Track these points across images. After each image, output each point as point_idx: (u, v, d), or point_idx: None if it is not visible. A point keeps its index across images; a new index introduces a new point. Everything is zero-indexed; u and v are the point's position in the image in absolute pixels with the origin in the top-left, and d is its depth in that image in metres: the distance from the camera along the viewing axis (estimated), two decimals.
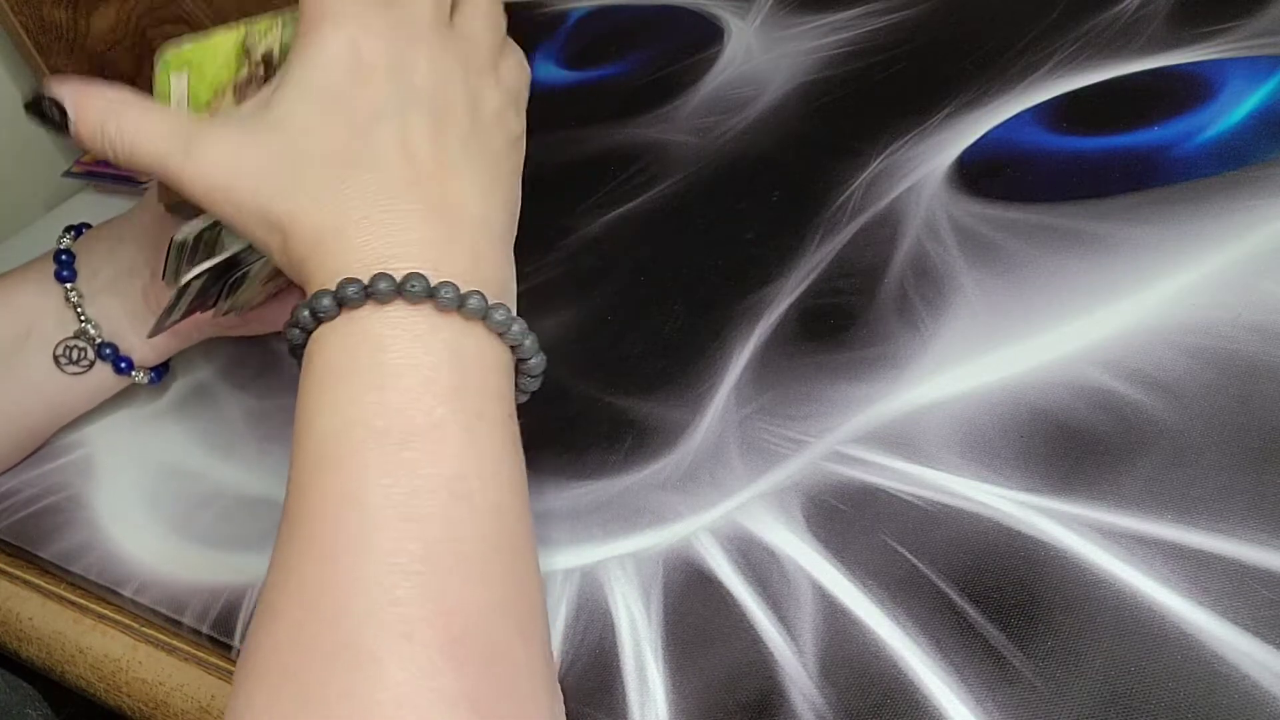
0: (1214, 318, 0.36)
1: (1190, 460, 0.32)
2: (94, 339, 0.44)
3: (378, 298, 0.30)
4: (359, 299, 0.30)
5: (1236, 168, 0.40)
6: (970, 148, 0.46)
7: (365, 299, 0.30)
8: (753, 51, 0.58)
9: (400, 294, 0.30)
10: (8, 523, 0.44)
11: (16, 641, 0.43)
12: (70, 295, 0.43)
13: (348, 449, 0.29)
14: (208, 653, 0.38)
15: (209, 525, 0.41)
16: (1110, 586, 0.30)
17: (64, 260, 0.44)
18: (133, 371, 0.45)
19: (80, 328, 0.44)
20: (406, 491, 0.28)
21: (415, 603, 0.27)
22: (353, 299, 0.30)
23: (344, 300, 0.30)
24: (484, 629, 0.27)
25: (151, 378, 0.46)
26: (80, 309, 0.44)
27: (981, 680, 0.29)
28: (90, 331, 0.44)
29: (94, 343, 0.44)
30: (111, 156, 0.34)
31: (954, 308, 0.39)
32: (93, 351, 0.44)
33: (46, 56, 0.67)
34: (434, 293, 0.30)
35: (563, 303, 0.43)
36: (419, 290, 0.30)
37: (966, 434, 0.35)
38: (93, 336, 0.44)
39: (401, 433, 0.29)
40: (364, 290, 0.30)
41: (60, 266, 0.44)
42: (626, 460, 0.38)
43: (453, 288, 0.30)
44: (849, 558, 0.33)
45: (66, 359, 0.44)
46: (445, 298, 0.30)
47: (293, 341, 0.32)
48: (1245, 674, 0.27)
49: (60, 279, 0.43)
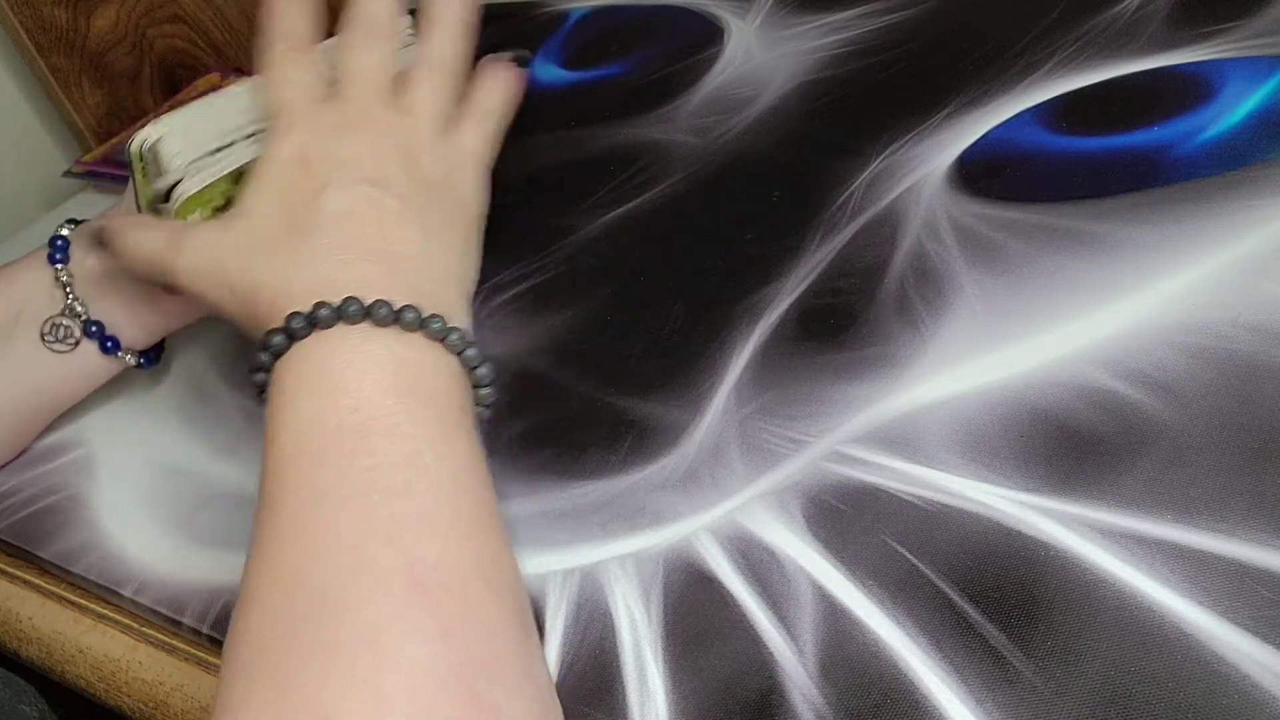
0: (1214, 318, 0.36)
1: (1190, 460, 0.32)
2: (80, 315, 0.44)
3: (321, 324, 0.34)
4: (305, 329, 0.34)
5: (1236, 168, 0.41)
6: (970, 148, 0.46)
7: (310, 328, 0.34)
8: (753, 51, 0.58)
9: (341, 317, 0.34)
10: (8, 523, 0.44)
11: (16, 641, 0.43)
12: (60, 275, 0.44)
13: (311, 444, 0.32)
14: (208, 653, 0.38)
15: (209, 525, 0.41)
16: (1110, 586, 0.30)
17: (58, 245, 0.45)
18: (119, 352, 0.45)
19: (68, 304, 0.44)
20: (366, 468, 0.31)
21: (384, 558, 0.29)
22: (299, 330, 0.34)
23: (293, 333, 0.34)
24: (451, 574, 0.29)
25: (141, 362, 0.46)
26: (69, 289, 0.44)
27: (981, 680, 0.29)
28: (77, 308, 0.44)
29: (80, 319, 0.44)
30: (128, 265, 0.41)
31: (954, 308, 0.39)
32: (79, 329, 0.44)
33: (46, 56, 0.67)
34: (369, 311, 0.34)
35: (563, 303, 0.43)
36: (355, 311, 0.34)
37: (966, 434, 0.35)
38: (79, 313, 0.44)
39: (358, 423, 0.32)
40: (307, 320, 0.34)
41: (54, 250, 0.44)
42: (626, 460, 0.38)
43: (386, 305, 0.34)
44: (849, 558, 0.33)
45: (53, 337, 0.44)
46: (380, 314, 0.34)
47: (259, 385, 0.35)
48: (1245, 674, 0.27)
49: (52, 261, 0.44)
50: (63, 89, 0.68)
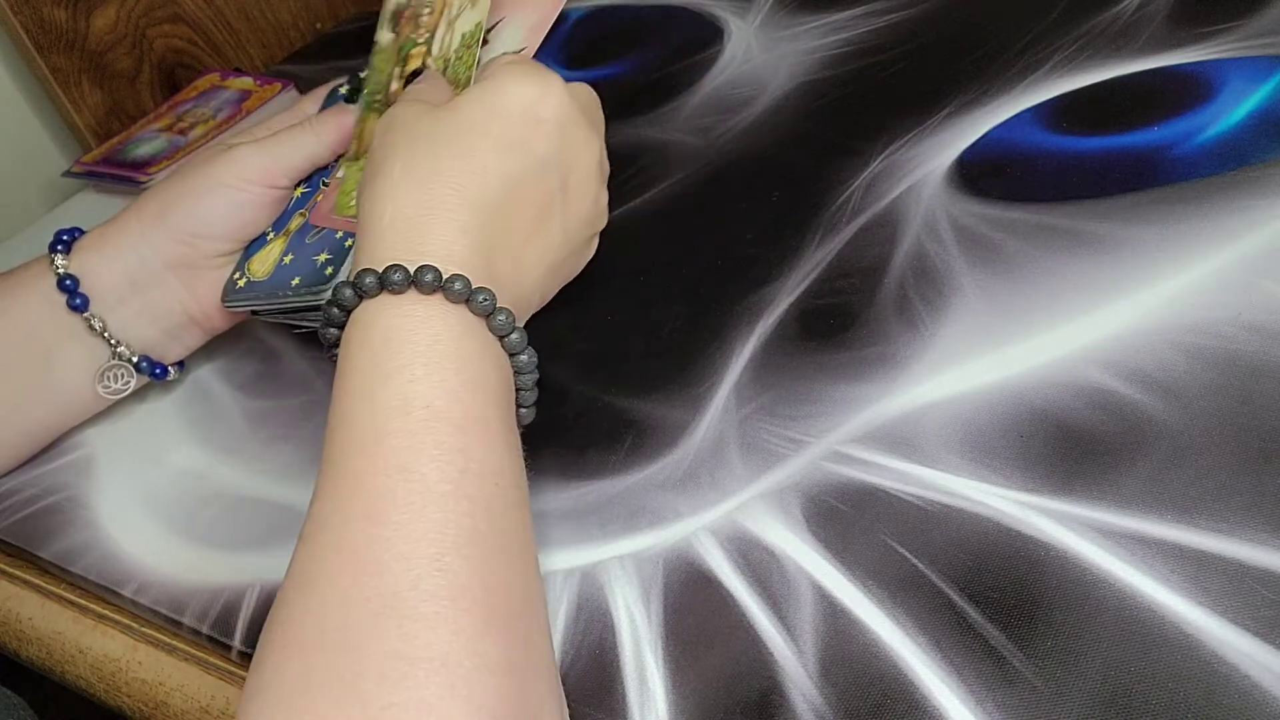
0: (1214, 318, 0.36)
1: (1190, 460, 0.32)
2: (129, 358, 0.45)
3: (424, 288, 0.32)
4: (431, 285, 0.32)
5: (1236, 168, 0.41)
6: (970, 148, 0.46)
7: (437, 289, 0.32)
8: (753, 51, 0.58)
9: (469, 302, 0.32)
10: (8, 523, 0.44)
11: (16, 641, 0.43)
12: (93, 324, 0.44)
13: (408, 423, 0.30)
14: (208, 653, 0.38)
15: (209, 525, 0.41)
16: (1110, 586, 0.30)
17: (69, 287, 0.43)
18: (168, 376, 0.47)
19: (113, 351, 0.45)
20: (460, 470, 0.30)
21: (462, 572, 0.28)
22: (427, 284, 0.32)
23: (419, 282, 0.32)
24: (517, 607, 0.29)
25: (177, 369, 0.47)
26: (107, 334, 0.44)
27: (981, 680, 0.29)
28: (124, 352, 0.45)
29: (130, 362, 0.45)
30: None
31: (954, 308, 0.39)
32: (130, 370, 0.45)
33: (46, 56, 0.67)
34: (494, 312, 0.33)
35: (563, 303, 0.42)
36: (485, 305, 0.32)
37: (966, 434, 0.35)
38: (128, 357, 0.45)
39: (460, 418, 0.31)
40: (436, 278, 0.32)
41: (69, 295, 0.43)
42: (626, 460, 0.38)
43: (509, 313, 0.33)
44: (849, 558, 0.33)
45: (109, 386, 0.45)
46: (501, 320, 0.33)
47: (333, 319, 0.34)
48: (1245, 674, 0.27)
49: (74, 309, 0.43)
50: (63, 89, 0.68)
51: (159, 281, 0.44)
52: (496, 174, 0.35)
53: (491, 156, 0.35)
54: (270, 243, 0.44)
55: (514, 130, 0.36)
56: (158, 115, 0.70)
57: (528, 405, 0.36)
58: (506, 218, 0.35)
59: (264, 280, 0.43)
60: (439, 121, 0.36)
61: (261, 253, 0.44)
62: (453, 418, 0.31)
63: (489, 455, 0.31)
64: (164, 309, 0.45)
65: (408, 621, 0.27)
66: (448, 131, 0.36)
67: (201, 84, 0.72)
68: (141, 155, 0.65)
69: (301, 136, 0.44)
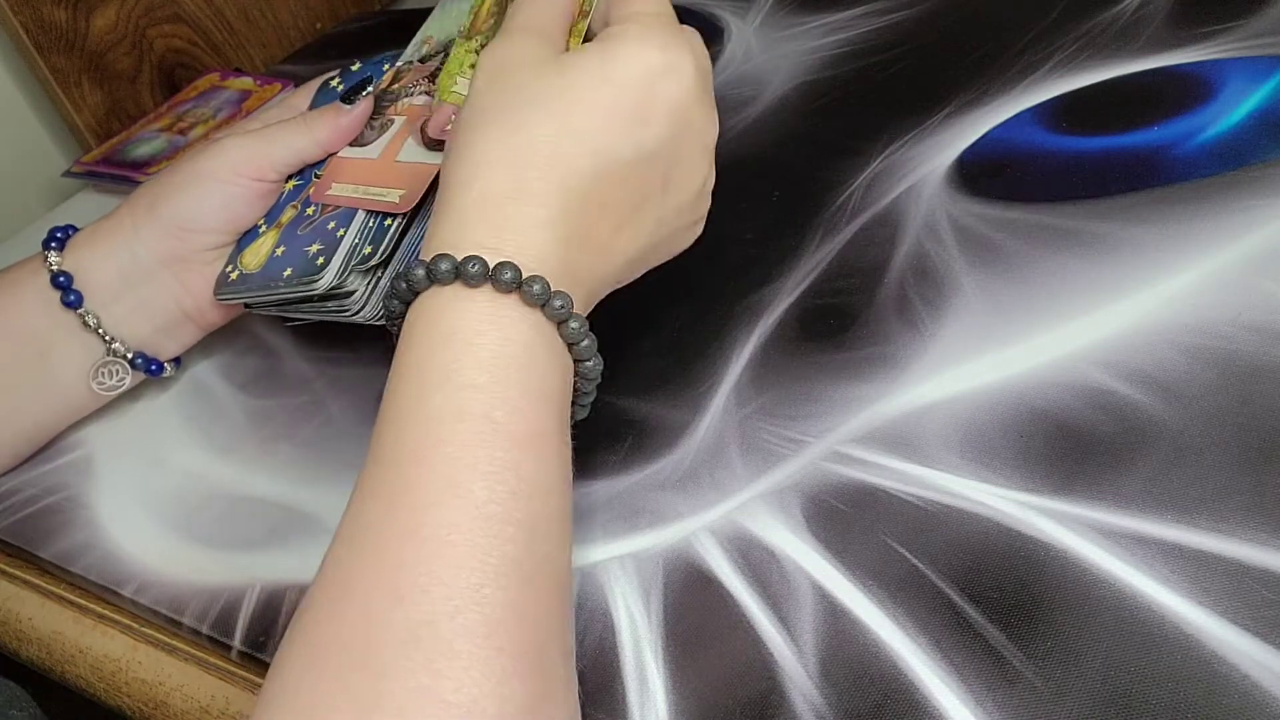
0: (1214, 318, 0.36)
1: (1190, 460, 0.32)
2: (124, 355, 0.45)
3: (500, 287, 0.30)
4: (509, 285, 0.30)
5: (1236, 168, 0.40)
6: (970, 148, 0.46)
7: (514, 289, 0.30)
8: (753, 51, 0.58)
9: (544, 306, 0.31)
10: (8, 523, 0.44)
11: (16, 641, 0.43)
12: (88, 320, 0.44)
13: (462, 434, 0.29)
14: (207, 653, 0.38)
15: (209, 525, 0.41)
16: (1110, 586, 0.30)
17: (63, 284, 0.43)
18: (164, 372, 0.47)
19: (108, 348, 0.44)
20: (510, 492, 0.28)
21: (499, 605, 0.27)
22: (505, 283, 0.30)
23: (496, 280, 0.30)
24: (550, 645, 0.28)
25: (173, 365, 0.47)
26: (102, 330, 0.44)
27: (981, 680, 0.29)
28: (119, 348, 0.45)
29: (125, 358, 0.45)
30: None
31: (954, 308, 0.39)
32: (126, 367, 0.45)
33: (46, 56, 0.67)
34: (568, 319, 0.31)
35: None
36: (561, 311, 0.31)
37: (966, 434, 0.35)
38: (123, 353, 0.45)
39: (518, 433, 0.29)
40: (515, 277, 0.30)
41: (63, 292, 0.43)
42: (626, 460, 0.38)
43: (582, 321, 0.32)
44: (849, 558, 0.33)
45: (103, 383, 0.45)
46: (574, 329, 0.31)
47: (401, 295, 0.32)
48: (1245, 674, 0.27)
49: (68, 306, 0.43)
50: (63, 89, 0.68)
51: (152, 277, 0.44)
52: (595, 158, 0.32)
53: (594, 137, 0.32)
54: (262, 235, 0.44)
55: (625, 108, 0.33)
56: (158, 115, 0.70)
57: (584, 404, 0.34)
58: (598, 207, 0.33)
59: (256, 273, 0.42)
60: (544, 83, 0.33)
61: (253, 245, 0.44)
62: (511, 431, 0.29)
63: (540, 472, 0.29)
64: (158, 304, 0.45)
65: (440, 658, 0.26)
66: (551, 100, 0.33)
67: (201, 84, 0.72)
68: (141, 155, 0.65)
69: (292, 133, 0.44)
